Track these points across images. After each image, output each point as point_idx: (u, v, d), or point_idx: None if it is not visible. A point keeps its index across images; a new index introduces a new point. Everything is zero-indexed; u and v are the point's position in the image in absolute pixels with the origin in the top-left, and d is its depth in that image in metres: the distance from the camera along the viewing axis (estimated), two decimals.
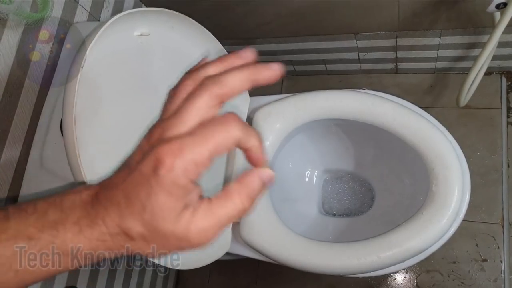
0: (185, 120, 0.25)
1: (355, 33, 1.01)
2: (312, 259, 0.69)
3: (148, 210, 0.24)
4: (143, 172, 0.24)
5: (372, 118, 0.73)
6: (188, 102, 0.25)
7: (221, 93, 0.25)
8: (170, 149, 0.23)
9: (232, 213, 0.26)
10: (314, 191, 0.96)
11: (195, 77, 0.27)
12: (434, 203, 0.67)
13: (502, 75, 1.11)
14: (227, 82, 0.25)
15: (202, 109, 0.25)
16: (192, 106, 0.25)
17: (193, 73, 0.27)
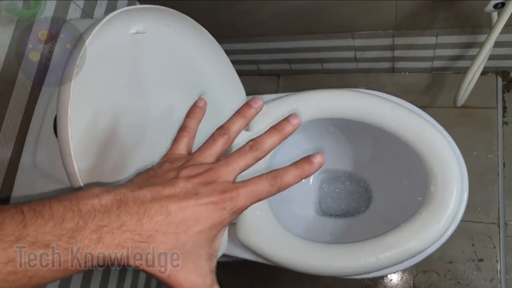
0: (238, 168, 0.32)
1: (352, 31, 1.00)
2: (310, 261, 0.68)
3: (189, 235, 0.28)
4: (200, 202, 0.28)
5: (370, 118, 0.73)
6: (239, 157, 0.32)
7: (259, 156, 0.33)
8: (231, 195, 0.29)
9: None
10: (311, 191, 0.96)
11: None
12: (432, 204, 0.66)
13: (498, 74, 1.11)
14: (264, 147, 0.34)
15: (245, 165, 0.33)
16: (240, 161, 0.32)
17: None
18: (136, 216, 0.26)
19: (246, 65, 1.23)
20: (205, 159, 0.33)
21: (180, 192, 0.28)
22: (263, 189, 0.31)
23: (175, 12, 0.57)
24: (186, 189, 0.29)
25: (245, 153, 0.32)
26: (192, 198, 0.28)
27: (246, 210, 0.77)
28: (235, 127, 0.35)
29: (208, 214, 0.28)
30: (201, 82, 0.70)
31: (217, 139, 0.34)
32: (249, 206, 0.31)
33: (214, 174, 0.30)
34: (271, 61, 1.20)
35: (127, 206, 0.26)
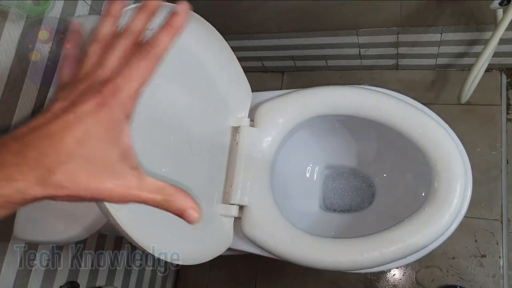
0: (108, 64, 0.29)
1: (356, 29, 1.00)
2: (314, 255, 0.69)
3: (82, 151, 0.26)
4: (79, 113, 0.26)
5: (375, 114, 0.73)
6: (107, 53, 0.30)
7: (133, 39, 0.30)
8: (108, 90, 0.27)
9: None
10: (315, 187, 0.97)
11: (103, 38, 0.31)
12: (436, 199, 0.67)
13: (502, 72, 1.11)
14: (133, 31, 0.31)
15: (120, 54, 0.29)
16: (111, 54, 0.29)
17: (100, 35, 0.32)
18: (16, 150, 0.25)
19: (251, 61, 1.24)
20: (81, 74, 0.30)
21: (58, 113, 0.27)
22: (141, 67, 0.28)
23: None
24: (63, 108, 0.27)
25: (115, 45, 0.30)
26: (70, 112, 0.26)
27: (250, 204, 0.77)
28: (104, 30, 0.32)
29: (94, 119, 0.27)
30: (207, 78, 0.70)
31: (88, 51, 0.31)
32: (139, 91, 0.29)
33: (89, 79, 0.28)
34: (275, 58, 1.21)
35: (5, 146, 0.26)
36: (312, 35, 1.06)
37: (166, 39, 0.30)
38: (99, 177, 0.27)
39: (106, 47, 0.30)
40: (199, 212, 0.29)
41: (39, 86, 0.71)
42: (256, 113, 0.77)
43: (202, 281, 1.25)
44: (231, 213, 0.73)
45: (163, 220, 0.59)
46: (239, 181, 0.73)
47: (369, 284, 1.11)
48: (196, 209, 0.29)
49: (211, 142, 0.73)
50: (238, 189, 0.73)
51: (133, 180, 0.28)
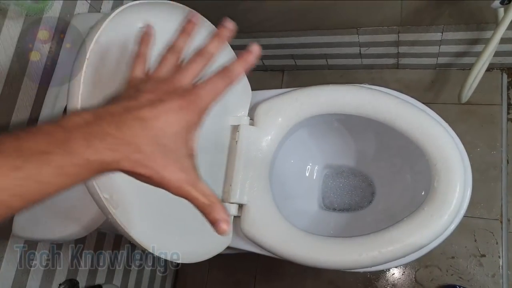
0: (189, 75, 0.36)
1: (357, 27, 1.00)
2: (313, 254, 0.69)
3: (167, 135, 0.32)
4: (166, 108, 0.32)
5: (375, 113, 0.73)
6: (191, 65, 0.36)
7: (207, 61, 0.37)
8: (191, 97, 0.33)
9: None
10: (315, 186, 0.96)
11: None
12: (436, 199, 0.67)
13: (503, 71, 1.11)
14: (209, 51, 0.37)
15: (198, 70, 0.36)
16: (191, 67, 0.36)
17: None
18: (115, 125, 0.30)
19: None
20: (160, 76, 0.36)
21: (146, 102, 0.32)
22: (219, 85, 0.35)
23: (183, 7, 0.58)
24: (150, 99, 0.32)
25: (194, 61, 0.37)
26: (159, 105, 0.32)
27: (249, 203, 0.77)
28: (180, 43, 0.39)
29: (177, 117, 0.32)
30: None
31: (168, 58, 0.38)
32: (212, 103, 0.34)
33: (172, 83, 0.35)
34: (276, 57, 1.21)
35: (105, 119, 0.30)
36: (313, 34, 1.05)
37: (241, 69, 0.36)
38: (171, 166, 0.32)
39: (179, 57, 0.38)
40: (230, 227, 0.34)
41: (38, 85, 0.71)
42: (256, 112, 0.77)
43: (201, 280, 1.25)
44: (230, 212, 0.73)
45: (162, 218, 0.59)
46: (238, 180, 0.73)
47: (368, 284, 1.11)
48: (228, 223, 0.33)
49: (210, 141, 0.73)
50: (237, 188, 0.73)
51: (193, 177, 0.33)
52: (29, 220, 0.66)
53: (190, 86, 0.35)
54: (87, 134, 0.28)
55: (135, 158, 0.30)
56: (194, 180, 0.33)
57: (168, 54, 0.38)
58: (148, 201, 0.54)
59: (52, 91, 0.71)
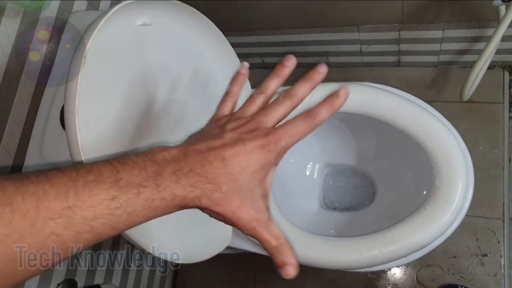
0: (273, 116, 0.35)
1: (358, 25, 0.99)
2: (314, 254, 0.68)
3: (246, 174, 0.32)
4: (247, 148, 0.32)
5: (376, 112, 0.73)
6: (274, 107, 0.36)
7: (294, 104, 0.37)
8: (272, 137, 0.33)
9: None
10: (315, 185, 0.96)
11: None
12: (437, 198, 0.66)
13: (504, 69, 1.10)
14: (297, 95, 0.37)
15: (283, 113, 0.36)
16: (276, 108, 0.36)
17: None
18: (199, 162, 0.31)
19: (250, 58, 1.23)
20: (245, 115, 0.36)
21: (229, 141, 0.33)
22: (301, 128, 0.34)
23: (181, 4, 0.57)
24: (233, 138, 0.33)
25: (281, 102, 0.36)
26: (240, 145, 0.32)
27: None
28: (271, 86, 0.39)
29: (256, 157, 0.32)
30: (206, 74, 0.70)
31: (255, 98, 0.38)
32: (291, 146, 0.34)
33: (255, 123, 0.35)
34: (276, 54, 1.20)
35: (190, 156, 0.31)
36: (313, 32, 1.05)
37: (325, 114, 0.35)
38: (246, 206, 0.32)
39: (268, 100, 0.38)
40: (296, 271, 0.34)
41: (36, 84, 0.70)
42: None
43: (201, 280, 1.24)
44: None
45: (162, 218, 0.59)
46: None
47: (369, 283, 1.11)
48: (295, 268, 0.34)
49: None
50: None
51: (266, 218, 0.33)
52: None
53: (272, 126, 0.35)
54: (176, 170, 0.30)
55: (214, 197, 0.31)
56: (267, 221, 0.33)
57: (257, 95, 0.38)
58: None
59: (49, 90, 0.71)
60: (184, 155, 0.31)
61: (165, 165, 0.30)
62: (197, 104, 0.69)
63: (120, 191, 0.28)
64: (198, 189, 0.30)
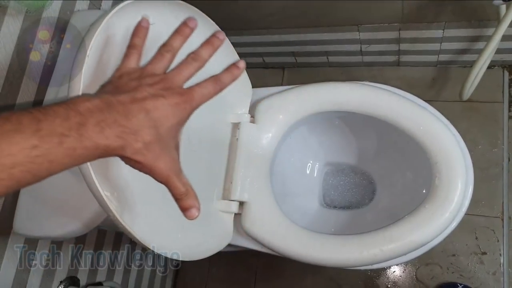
0: (185, 76, 0.40)
1: (358, 25, 1.00)
2: (314, 251, 0.69)
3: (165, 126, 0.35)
4: (167, 103, 0.36)
5: (376, 111, 0.73)
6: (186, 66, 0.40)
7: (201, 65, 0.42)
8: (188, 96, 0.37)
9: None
10: (315, 183, 0.96)
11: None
12: (437, 197, 0.66)
13: (504, 69, 1.11)
14: (202, 57, 0.42)
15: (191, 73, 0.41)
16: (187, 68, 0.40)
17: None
18: (123, 114, 0.33)
19: (251, 57, 1.24)
20: (156, 71, 0.39)
21: (150, 96, 0.35)
22: (209, 91, 0.39)
23: (184, 4, 0.58)
24: (152, 93, 0.35)
25: (190, 63, 0.40)
26: (162, 99, 0.35)
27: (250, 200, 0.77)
28: (176, 44, 0.42)
29: (174, 112, 0.36)
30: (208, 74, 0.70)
31: (164, 55, 0.41)
32: (199, 105, 0.39)
33: (170, 81, 0.38)
34: (276, 54, 1.20)
35: (114, 107, 0.33)
36: (313, 31, 1.05)
37: (229, 80, 0.42)
38: (164, 155, 0.35)
39: (173, 56, 0.41)
40: (199, 212, 0.38)
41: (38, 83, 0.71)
42: (256, 110, 0.77)
43: (202, 278, 1.25)
44: (231, 209, 0.72)
45: (163, 216, 0.59)
46: (239, 177, 0.73)
47: (369, 281, 1.11)
48: (199, 210, 0.38)
49: (211, 138, 0.73)
50: (238, 185, 0.73)
51: (178, 168, 0.37)
52: (30, 218, 0.66)
53: (183, 86, 0.39)
54: (100, 121, 0.31)
55: (137, 146, 0.33)
56: (178, 170, 0.37)
57: (165, 52, 0.41)
58: (149, 198, 0.54)
59: (52, 90, 0.71)
60: (108, 106, 0.32)
61: (89, 116, 0.31)
62: None
63: (42, 140, 0.28)
64: (122, 139, 0.32)
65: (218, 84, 0.40)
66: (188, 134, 0.67)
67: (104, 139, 0.31)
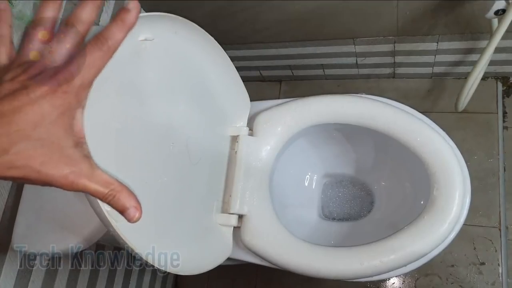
0: (60, 51, 0.30)
1: (353, 38, 1.01)
2: (314, 264, 0.69)
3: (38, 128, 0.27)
4: (33, 96, 0.27)
5: (373, 123, 0.74)
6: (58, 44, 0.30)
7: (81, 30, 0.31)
8: (62, 76, 0.28)
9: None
10: (314, 195, 0.97)
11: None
12: (435, 208, 0.67)
13: (498, 80, 1.12)
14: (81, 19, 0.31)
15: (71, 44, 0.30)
16: (62, 41, 0.30)
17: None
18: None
19: (248, 71, 1.25)
20: (25, 58, 0.30)
21: (7, 94, 0.27)
22: (95, 57, 0.29)
23: (183, 19, 0.59)
24: (12, 89, 0.27)
25: (64, 33, 0.30)
26: (23, 94, 0.27)
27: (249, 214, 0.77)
28: (49, 14, 0.32)
29: (49, 103, 0.28)
30: (206, 87, 0.71)
31: (32, 34, 0.31)
32: (92, 80, 0.30)
33: (39, 64, 0.29)
34: (273, 67, 1.22)
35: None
36: (310, 45, 1.06)
37: (119, 34, 0.30)
38: (53, 161, 0.28)
39: (48, 33, 0.31)
40: (140, 212, 0.31)
41: None
42: (255, 122, 0.78)
43: None
44: (230, 223, 0.72)
45: (163, 231, 0.59)
46: (238, 190, 0.73)
47: None
48: (138, 209, 0.31)
49: (210, 152, 0.73)
50: (237, 198, 0.73)
51: (85, 168, 0.29)
52: (29, 234, 0.66)
53: (61, 63, 0.29)
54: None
55: (3, 161, 0.26)
56: (86, 170, 0.29)
57: (33, 29, 0.31)
58: (150, 214, 0.54)
59: None
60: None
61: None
62: (197, 117, 0.70)
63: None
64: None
65: (103, 43, 0.30)
66: (187, 148, 0.67)
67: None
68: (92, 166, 0.30)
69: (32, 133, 0.27)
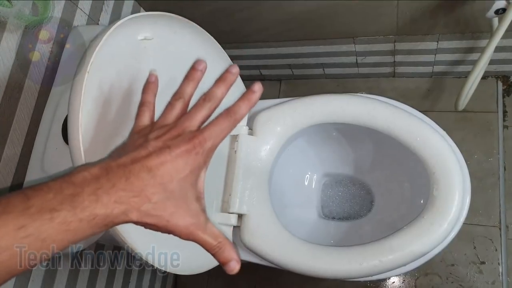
0: (197, 119, 0.36)
1: (353, 37, 1.01)
2: (313, 263, 0.69)
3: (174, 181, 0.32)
4: (173, 154, 0.32)
5: (373, 122, 0.73)
6: (197, 110, 0.37)
7: (214, 106, 0.38)
8: (198, 140, 0.34)
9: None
10: (314, 195, 0.96)
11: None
12: (435, 207, 0.67)
13: (498, 79, 1.12)
14: (216, 97, 0.38)
15: (205, 115, 0.37)
16: (199, 111, 0.37)
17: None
18: (124, 177, 0.30)
19: (248, 70, 1.25)
20: (167, 122, 0.37)
21: (154, 151, 0.32)
22: (224, 126, 0.35)
23: (182, 19, 0.58)
24: (158, 146, 0.32)
25: (201, 105, 0.37)
26: (166, 152, 0.32)
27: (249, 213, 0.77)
28: (188, 90, 0.40)
29: (184, 162, 0.32)
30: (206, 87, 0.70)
31: (174, 104, 0.38)
32: (218, 145, 0.35)
33: (180, 128, 0.35)
34: (273, 67, 1.21)
35: (113, 172, 0.30)
36: (309, 44, 1.06)
37: (245, 109, 0.37)
38: (180, 213, 0.32)
39: (186, 104, 0.39)
40: (239, 265, 0.34)
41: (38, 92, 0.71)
42: (255, 122, 0.78)
43: None
44: (230, 222, 0.72)
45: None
46: (237, 189, 0.73)
47: None
48: (238, 262, 0.34)
49: None
50: (236, 198, 0.73)
51: (202, 221, 0.34)
52: None
53: (196, 128, 0.35)
54: (96, 189, 0.29)
55: (144, 208, 0.30)
56: (202, 223, 0.34)
57: (175, 101, 0.39)
58: None
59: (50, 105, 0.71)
60: (106, 172, 0.30)
61: (84, 186, 0.29)
62: None
63: (30, 218, 0.26)
64: (123, 204, 0.29)
65: (232, 116, 0.36)
66: None
67: (102, 207, 0.28)
68: (206, 220, 0.34)
69: (169, 186, 0.31)
